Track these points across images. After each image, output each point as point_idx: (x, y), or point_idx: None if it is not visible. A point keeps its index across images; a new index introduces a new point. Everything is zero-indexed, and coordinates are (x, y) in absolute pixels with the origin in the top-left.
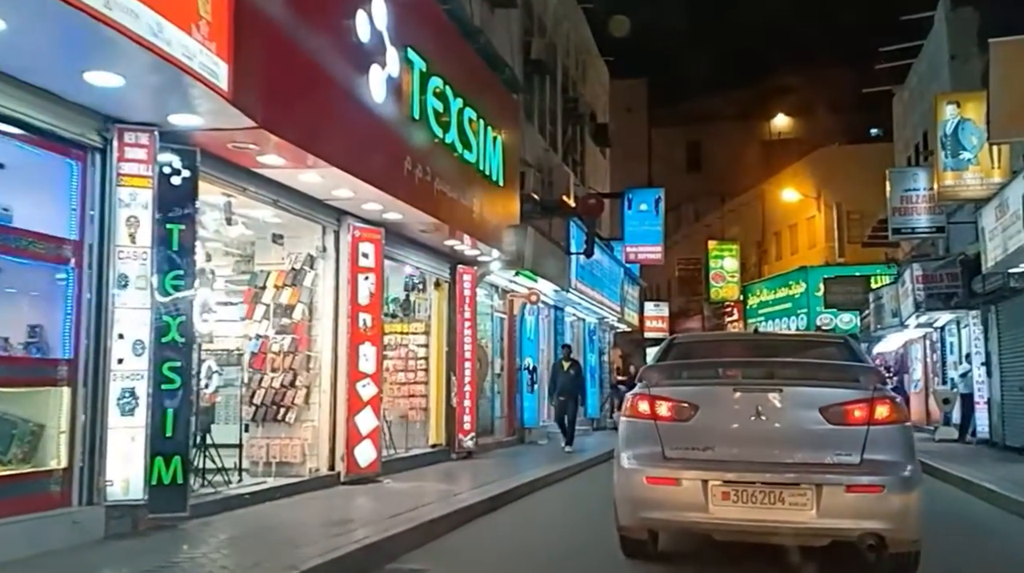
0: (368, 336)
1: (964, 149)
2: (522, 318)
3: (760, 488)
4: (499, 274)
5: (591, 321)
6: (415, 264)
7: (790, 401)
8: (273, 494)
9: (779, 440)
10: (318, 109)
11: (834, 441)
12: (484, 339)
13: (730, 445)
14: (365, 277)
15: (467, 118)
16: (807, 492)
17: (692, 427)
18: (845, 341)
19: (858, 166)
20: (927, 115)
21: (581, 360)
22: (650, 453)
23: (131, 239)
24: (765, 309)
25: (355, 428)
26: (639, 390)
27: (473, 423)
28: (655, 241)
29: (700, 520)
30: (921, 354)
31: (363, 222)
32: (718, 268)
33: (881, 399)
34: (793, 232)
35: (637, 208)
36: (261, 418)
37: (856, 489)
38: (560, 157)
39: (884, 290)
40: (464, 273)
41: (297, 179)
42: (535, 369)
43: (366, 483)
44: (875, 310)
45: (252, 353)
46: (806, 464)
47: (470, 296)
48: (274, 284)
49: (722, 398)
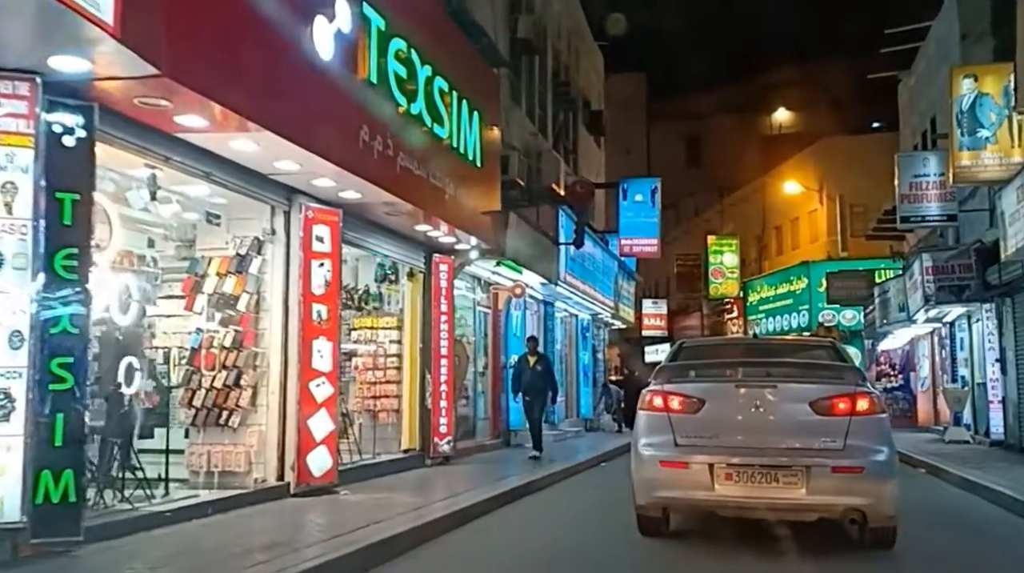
0: (323, 330)
1: (982, 126)
2: (508, 313)
3: (758, 470)
4: (480, 264)
5: (584, 317)
6: (385, 252)
7: (783, 396)
8: (203, 510)
9: (774, 429)
10: (244, 60)
11: (821, 430)
12: (465, 335)
13: (732, 434)
14: (320, 263)
15: (437, 88)
16: (798, 473)
17: (700, 418)
18: (832, 344)
19: (861, 157)
20: (936, 100)
21: (573, 358)
22: (664, 441)
23: (7, 209)
24: (766, 305)
25: (308, 433)
26: (654, 387)
27: (450, 426)
28: (651, 234)
29: (706, 498)
30: (928, 351)
31: (317, 202)
32: (717, 264)
33: (861, 394)
34: (794, 226)
35: (632, 199)
36: (202, 422)
37: (840, 470)
38: (550, 144)
39: (890, 283)
40: (440, 263)
41: (229, 147)
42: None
43: (321, 494)
44: (880, 305)
45: (192, 349)
46: (797, 449)
47: (447, 287)
48: (216, 272)
49: (726, 394)
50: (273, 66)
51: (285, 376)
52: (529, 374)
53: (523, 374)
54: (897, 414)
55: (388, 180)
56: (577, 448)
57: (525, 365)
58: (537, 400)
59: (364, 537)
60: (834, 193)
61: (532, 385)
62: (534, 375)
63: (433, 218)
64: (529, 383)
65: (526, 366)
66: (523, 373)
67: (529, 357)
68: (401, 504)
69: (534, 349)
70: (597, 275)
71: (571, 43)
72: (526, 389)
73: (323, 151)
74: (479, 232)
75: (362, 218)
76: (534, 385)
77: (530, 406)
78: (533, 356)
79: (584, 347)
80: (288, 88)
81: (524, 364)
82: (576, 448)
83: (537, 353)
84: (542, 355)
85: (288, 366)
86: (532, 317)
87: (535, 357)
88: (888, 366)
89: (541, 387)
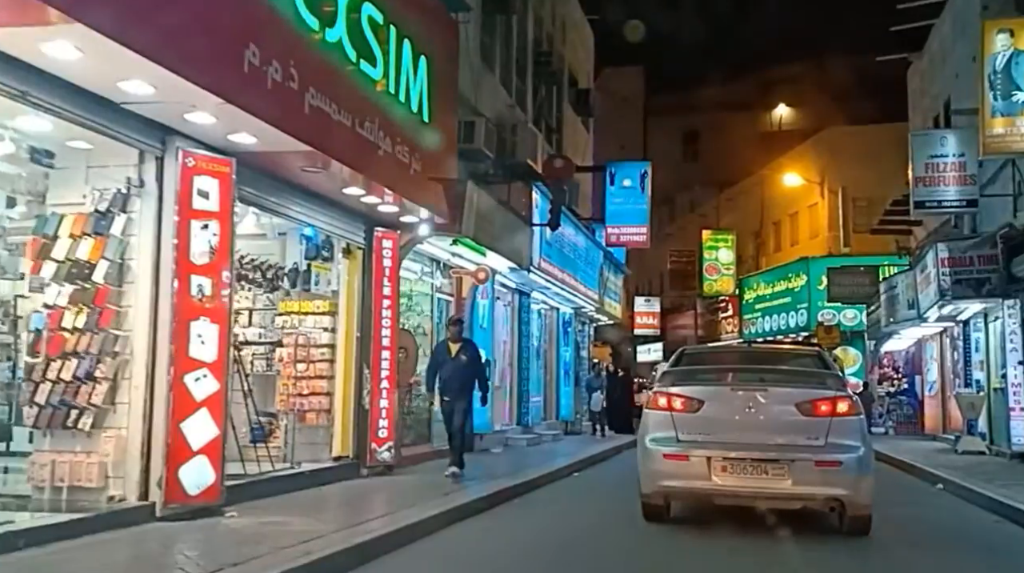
0: (206, 309)
1: (1019, 88)
2: (473, 302)
3: (750, 463)
4: (434, 243)
5: (566, 311)
6: (312, 221)
7: (773, 398)
8: (13, 543)
9: (764, 427)
10: None
11: (805, 429)
12: (421, 325)
13: (728, 431)
14: (203, 225)
15: (367, 16)
16: (785, 466)
17: (699, 417)
18: (818, 353)
19: (865, 148)
20: (950, 80)
21: (554, 354)
22: (667, 437)
23: None
24: (762, 304)
25: (182, 439)
26: (659, 389)
27: (392, 429)
28: (640, 221)
29: (704, 487)
30: (937, 353)
31: (202, 147)
32: (712, 260)
33: (842, 398)
34: (794, 221)
35: (620, 184)
36: (46, 424)
37: (821, 464)
38: (530, 120)
39: (899, 278)
40: (384, 238)
41: (43, 54)
42: (489, 363)
43: (197, 517)
44: (887, 302)
45: (36, 331)
46: (784, 445)
47: (391, 268)
48: (70, 233)
49: (722, 396)
50: None
51: (153, 367)
52: (450, 366)
53: (442, 366)
54: (901, 420)
55: (292, 122)
56: (547, 455)
57: (445, 354)
58: (459, 400)
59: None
60: (836, 186)
61: (453, 380)
62: (456, 367)
63: (370, 182)
64: (450, 378)
65: (446, 356)
66: (442, 365)
67: (451, 344)
68: (293, 533)
69: (457, 334)
70: (579, 264)
71: (555, 10)
72: (445, 385)
73: (184, 68)
74: (430, 202)
75: (273, 175)
76: (456, 380)
77: (450, 408)
78: (456, 343)
79: (566, 343)
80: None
81: (444, 353)
82: (546, 455)
83: (461, 339)
84: (468, 342)
85: (157, 354)
86: (505, 308)
87: (458, 344)
88: (892, 369)
89: (464, 383)
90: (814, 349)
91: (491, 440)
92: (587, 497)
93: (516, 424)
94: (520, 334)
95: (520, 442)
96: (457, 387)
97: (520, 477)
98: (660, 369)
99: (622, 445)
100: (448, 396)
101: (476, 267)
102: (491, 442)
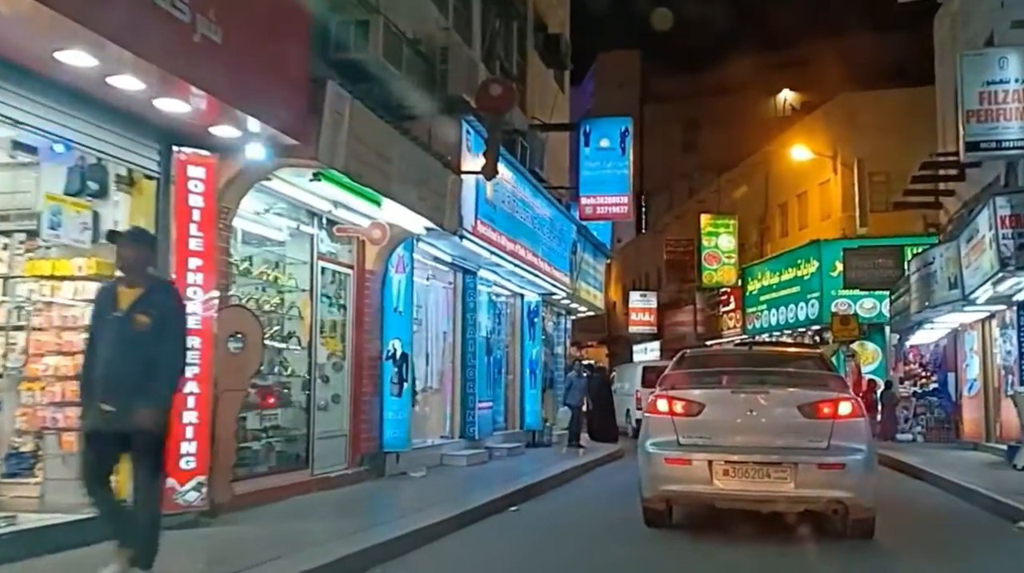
0: None
1: None
2: (386, 277)
3: (752, 466)
4: (289, 179)
5: (532, 298)
6: (70, 136)
7: (775, 401)
8: None
9: (766, 430)
10: None
11: (808, 431)
12: (293, 305)
13: (729, 434)
14: None
15: None
16: (787, 469)
17: (700, 420)
18: (820, 355)
19: (883, 117)
20: (984, 24)
21: (517, 350)
22: (668, 440)
23: None
24: (767, 295)
25: None
26: (660, 392)
27: (204, 456)
28: (620, 189)
29: (706, 491)
30: (978, 344)
31: None
32: (712, 248)
33: (844, 399)
34: (802, 202)
35: (596, 145)
36: None
37: (824, 467)
38: (479, 57)
39: (937, 251)
40: (191, 164)
41: None
42: (406, 357)
43: None
44: (920, 284)
45: None
46: (787, 448)
47: (205, 209)
48: None
49: (724, 398)
50: None
51: None
52: (113, 336)
53: (99, 336)
54: (932, 426)
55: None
56: (482, 480)
57: (108, 310)
58: (130, 413)
59: None
60: (851, 159)
61: (116, 366)
62: (122, 339)
63: (157, 70)
64: (112, 361)
65: (110, 312)
66: (100, 334)
67: (120, 291)
68: None
69: (134, 266)
70: (542, 238)
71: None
72: (102, 378)
73: None
74: (262, 109)
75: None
76: (121, 366)
77: (109, 433)
78: (133, 288)
79: (532, 337)
80: None
81: (106, 307)
82: (481, 480)
83: (145, 281)
84: (159, 287)
85: None
86: (445, 290)
87: (136, 291)
88: (918, 365)
89: (138, 376)
90: (816, 351)
91: (412, 460)
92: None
93: (460, 437)
94: (464, 324)
95: (458, 461)
96: (125, 383)
97: (400, 527)
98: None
99: (593, 461)
100: (111, 402)
101: (370, 223)
102: (411, 463)
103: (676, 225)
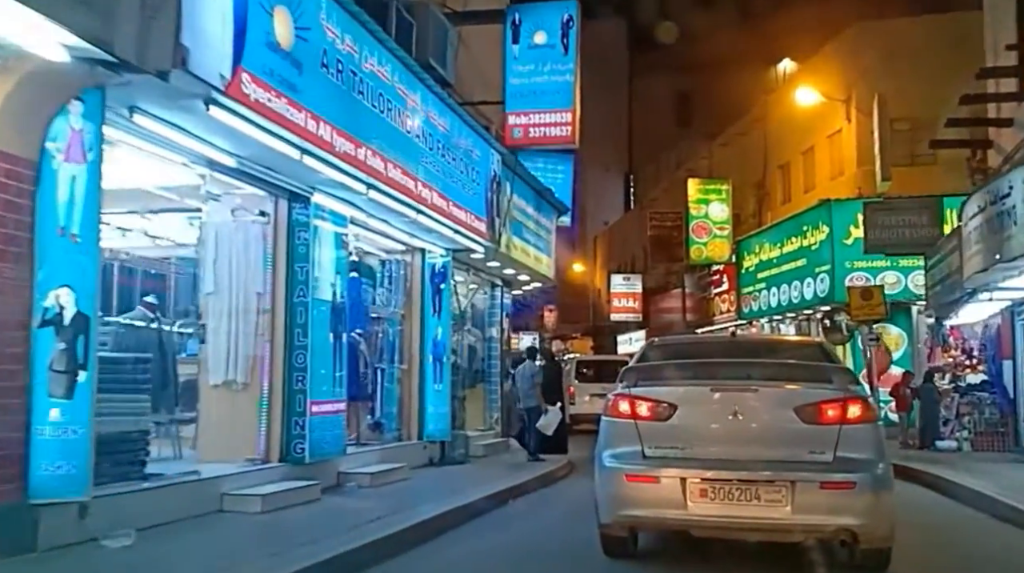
0: None
1: None
2: (42, 166)
3: (737, 485)
4: None
5: (436, 257)
6: None
7: (766, 401)
8: None
9: (755, 439)
10: None
11: (808, 439)
12: None
13: (708, 444)
14: None
15: None
16: (782, 489)
17: (671, 426)
18: (820, 344)
19: (907, 51)
20: None
21: (415, 330)
22: (630, 452)
23: None
24: (766, 271)
25: None
26: (620, 390)
27: None
28: (562, 103)
29: (678, 517)
30: None
31: None
32: (702, 217)
33: (853, 399)
34: (808, 160)
35: (530, 40)
36: None
37: (829, 486)
38: None
39: (1015, 177)
40: None
41: None
42: (86, 322)
43: None
44: (983, 231)
45: None
46: (781, 462)
47: None
48: None
49: (700, 398)
50: None
51: None
52: None
53: None
54: (982, 430)
55: None
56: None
57: None
58: None
59: None
60: (868, 104)
61: None
62: None
63: None
64: None
65: None
66: None
67: None
68: None
69: None
70: (432, 157)
71: None
72: None
73: None
74: None
75: None
76: None
77: None
78: None
79: (436, 310)
80: None
81: None
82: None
83: None
84: None
85: None
86: (253, 227)
87: None
88: (961, 352)
89: None
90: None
91: (118, 511)
92: None
93: (281, 460)
94: (291, 282)
95: (249, 505)
96: None
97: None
98: None
99: (504, 489)
100: None
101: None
102: (115, 516)
103: (664, 199)
